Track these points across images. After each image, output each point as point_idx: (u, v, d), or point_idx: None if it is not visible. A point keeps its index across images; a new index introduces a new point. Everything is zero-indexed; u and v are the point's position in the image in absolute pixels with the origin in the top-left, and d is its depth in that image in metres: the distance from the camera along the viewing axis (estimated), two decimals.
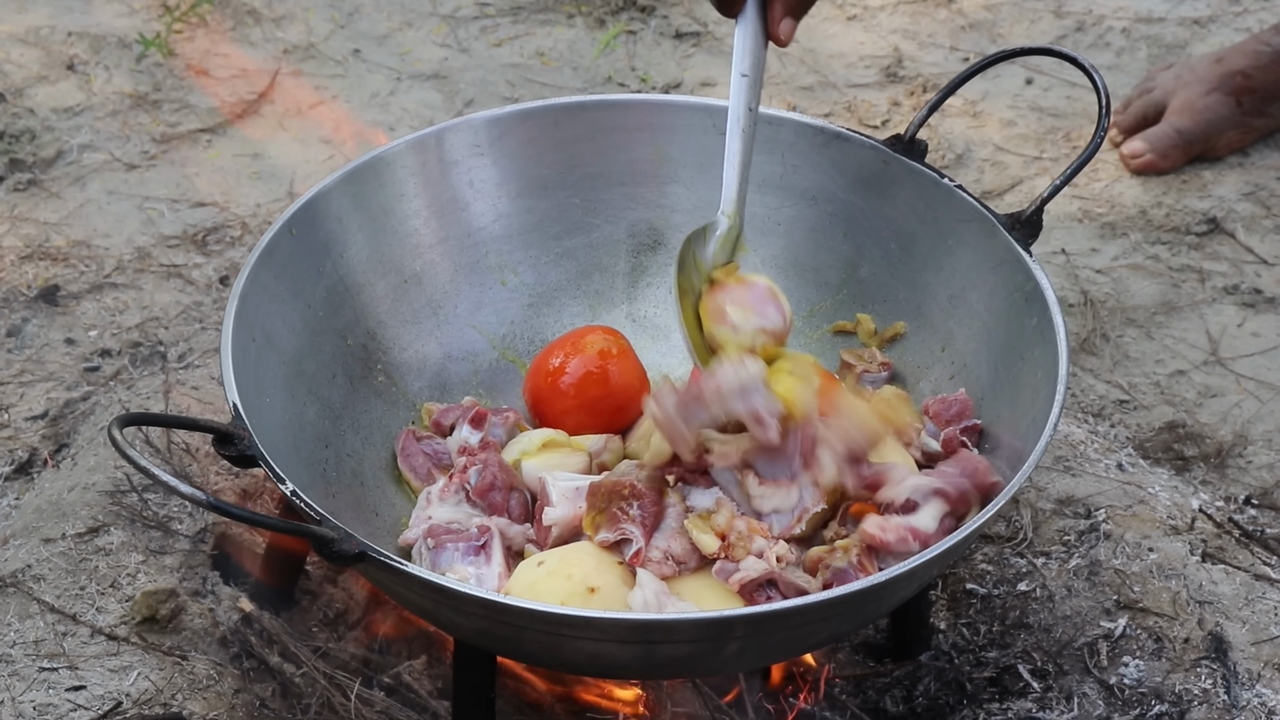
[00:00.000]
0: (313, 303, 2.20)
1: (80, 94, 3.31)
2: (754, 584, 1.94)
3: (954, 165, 3.14)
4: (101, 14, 3.50)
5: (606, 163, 2.36)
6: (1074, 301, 2.87)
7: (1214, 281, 2.91)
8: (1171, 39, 3.44)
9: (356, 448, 2.19)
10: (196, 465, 2.47)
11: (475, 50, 3.46)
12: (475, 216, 2.35)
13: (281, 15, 3.53)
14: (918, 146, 2.26)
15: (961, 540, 1.86)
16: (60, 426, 2.62)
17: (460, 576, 2.03)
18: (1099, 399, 2.70)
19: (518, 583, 1.97)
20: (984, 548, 2.41)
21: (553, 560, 1.98)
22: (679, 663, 1.93)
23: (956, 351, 2.22)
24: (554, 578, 1.95)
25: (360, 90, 3.35)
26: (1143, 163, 3.11)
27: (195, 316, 2.82)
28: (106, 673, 2.18)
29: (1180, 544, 2.37)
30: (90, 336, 2.79)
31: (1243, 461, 2.61)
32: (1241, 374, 2.75)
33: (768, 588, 1.94)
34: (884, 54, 3.42)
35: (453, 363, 2.33)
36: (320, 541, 1.80)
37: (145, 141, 3.21)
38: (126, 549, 2.33)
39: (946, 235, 2.23)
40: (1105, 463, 2.52)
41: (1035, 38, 3.46)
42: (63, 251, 2.95)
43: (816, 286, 2.35)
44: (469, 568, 2.04)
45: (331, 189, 2.23)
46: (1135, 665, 2.23)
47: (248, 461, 1.89)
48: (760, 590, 1.94)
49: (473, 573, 2.04)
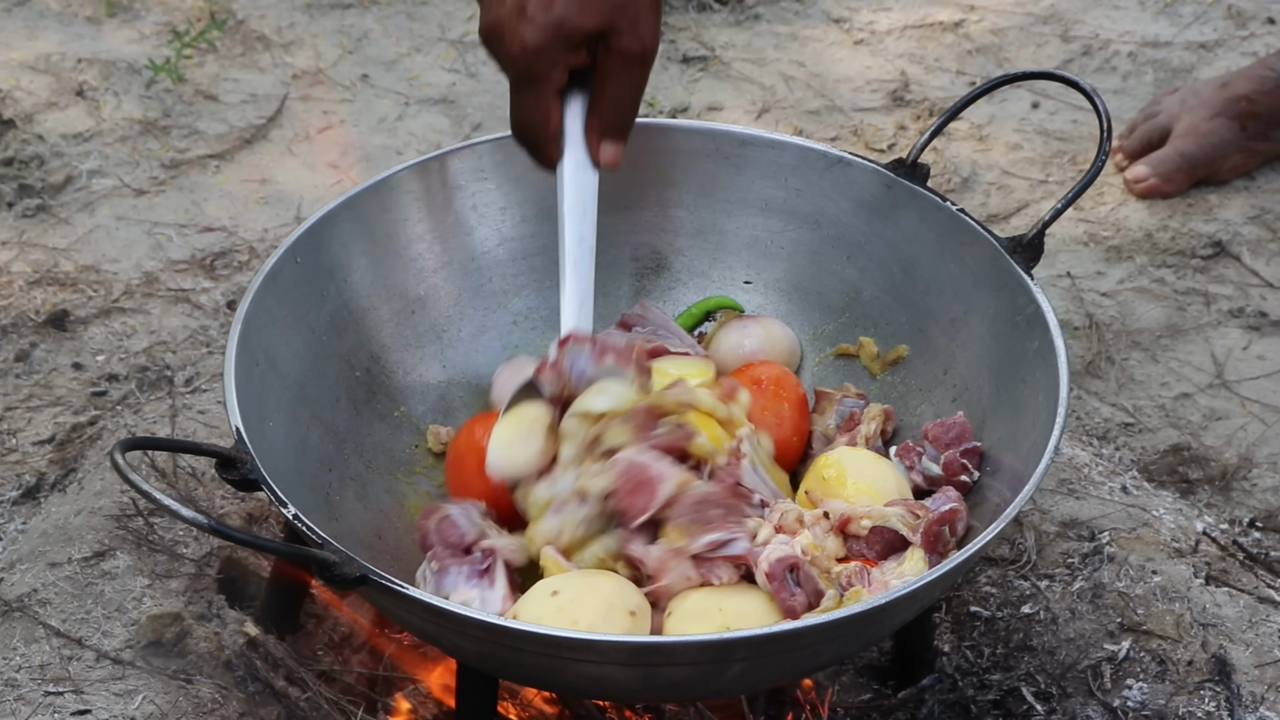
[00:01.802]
0: (316, 327, 2.21)
1: (90, 120, 3.32)
2: (782, 565, 1.96)
3: (960, 189, 3.15)
4: (111, 40, 3.52)
5: (610, 186, 2.36)
6: (1079, 324, 2.87)
7: (1219, 305, 2.91)
8: (1178, 63, 3.45)
9: (360, 471, 2.20)
10: (202, 489, 2.47)
11: (483, 75, 3.47)
12: (479, 241, 2.36)
13: (290, 41, 3.55)
14: (920, 170, 2.27)
15: (962, 562, 1.86)
16: (67, 451, 2.63)
17: (464, 600, 2.03)
18: (1104, 422, 2.71)
19: (529, 614, 1.96)
20: (988, 570, 2.41)
21: (568, 592, 1.97)
22: (681, 685, 1.94)
23: (959, 374, 2.22)
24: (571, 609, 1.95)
25: (368, 115, 3.36)
26: (1147, 187, 3.11)
27: (202, 341, 2.83)
28: (112, 696, 2.19)
29: (1184, 567, 2.37)
30: (98, 361, 2.80)
31: (1247, 484, 2.61)
32: (1247, 397, 2.75)
33: (791, 577, 1.95)
34: (890, 78, 3.42)
35: (456, 386, 2.33)
36: (322, 565, 1.80)
37: (154, 167, 3.22)
38: (132, 573, 2.33)
39: (948, 259, 2.23)
40: (1109, 485, 2.53)
41: (1042, 62, 3.47)
42: (71, 277, 2.96)
43: (820, 310, 2.35)
44: (472, 590, 2.04)
45: (335, 214, 2.24)
46: (1139, 688, 2.23)
47: (250, 485, 1.90)
48: (785, 580, 1.95)
49: (476, 595, 2.04)
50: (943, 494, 2.08)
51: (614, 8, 2.08)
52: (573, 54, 2.10)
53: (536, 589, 1.99)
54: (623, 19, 2.08)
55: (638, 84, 2.15)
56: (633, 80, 2.14)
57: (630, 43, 2.09)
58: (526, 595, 1.99)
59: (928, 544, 2.02)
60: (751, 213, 2.36)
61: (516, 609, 1.97)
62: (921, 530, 2.02)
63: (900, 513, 2.04)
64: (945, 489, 2.10)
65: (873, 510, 2.04)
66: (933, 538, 2.02)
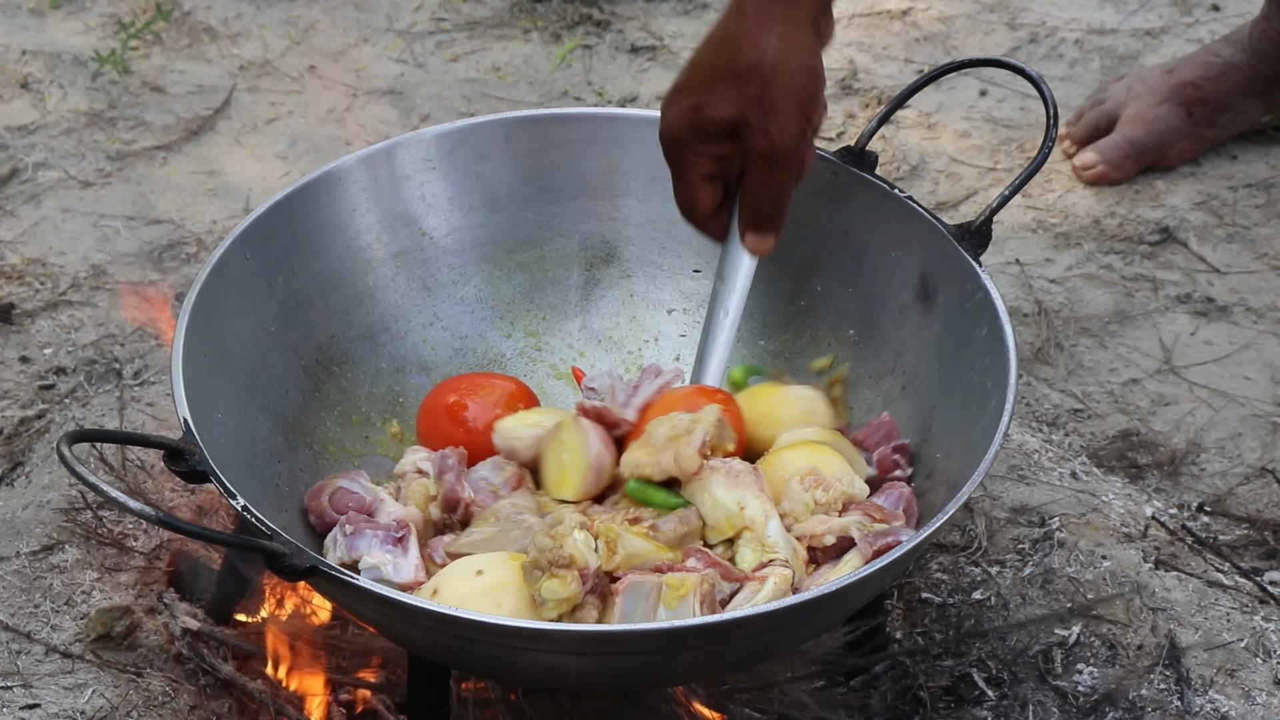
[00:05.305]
0: (265, 318, 2.20)
1: (35, 112, 3.30)
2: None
3: (909, 177, 3.15)
4: (56, 32, 3.50)
5: (559, 176, 2.36)
6: (1028, 311, 2.88)
7: (1167, 290, 2.92)
8: (1124, 50, 3.46)
9: (309, 462, 2.19)
10: (152, 482, 2.46)
11: (431, 65, 3.46)
12: (428, 231, 2.35)
13: (237, 32, 3.53)
14: (868, 158, 2.27)
15: (913, 548, 1.87)
16: (15, 445, 2.61)
17: (377, 562, 2.03)
18: (1053, 408, 2.72)
19: (451, 593, 1.96)
20: (939, 556, 2.42)
21: (493, 574, 1.97)
22: (634, 673, 1.94)
23: (908, 361, 2.23)
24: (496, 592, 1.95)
25: (316, 106, 3.35)
26: (1095, 174, 3.12)
27: (151, 334, 2.82)
28: (61, 691, 2.18)
29: (1133, 551, 2.38)
30: (45, 354, 2.79)
31: (1195, 469, 2.62)
32: (1195, 382, 2.76)
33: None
34: (839, 66, 3.43)
35: (406, 376, 2.33)
36: (271, 556, 1.80)
37: (101, 159, 3.21)
38: (81, 566, 2.33)
39: (897, 246, 2.24)
40: (1059, 471, 2.54)
41: (989, 49, 3.48)
42: (18, 270, 2.95)
43: (769, 298, 2.35)
44: (386, 555, 2.05)
45: (284, 204, 2.23)
46: (1089, 672, 2.24)
47: (199, 477, 1.89)
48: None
49: (389, 560, 2.04)
50: (894, 491, 2.09)
51: (749, 99, 2.02)
52: (712, 143, 2.08)
53: (459, 566, 1.99)
54: (755, 113, 2.03)
55: (774, 182, 2.09)
56: (769, 178, 2.08)
57: (759, 140, 2.04)
58: (449, 571, 1.99)
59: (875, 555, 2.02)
60: None
61: (438, 584, 1.96)
62: (874, 549, 2.02)
63: (858, 520, 2.04)
64: (892, 486, 2.11)
65: (833, 524, 2.05)
66: (881, 552, 2.02)
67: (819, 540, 2.03)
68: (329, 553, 2.07)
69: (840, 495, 2.07)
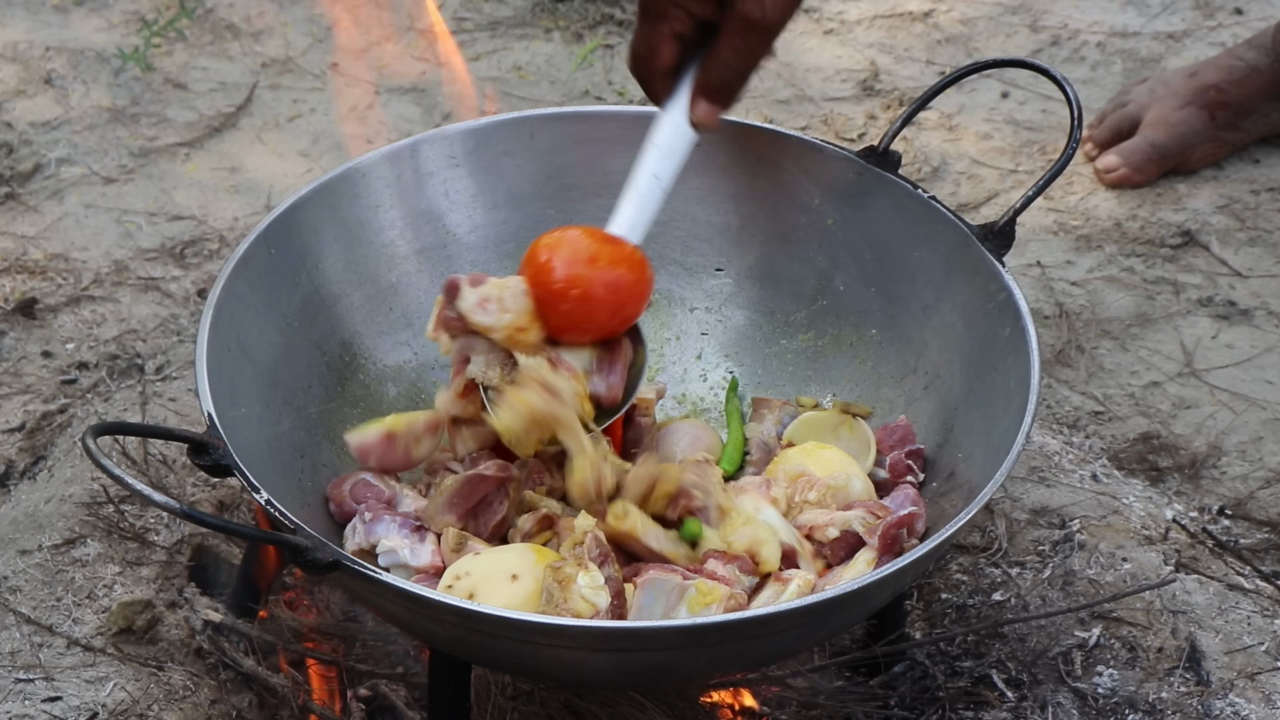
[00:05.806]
0: (288, 313, 2.20)
1: (58, 108, 3.31)
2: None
3: (930, 178, 3.15)
4: (80, 29, 3.51)
5: (582, 174, 2.36)
6: (1049, 313, 2.88)
7: (1188, 294, 2.92)
8: (1146, 53, 3.46)
9: (331, 458, 2.20)
10: (173, 476, 2.47)
11: (453, 65, 3.46)
12: (451, 228, 2.35)
13: (260, 30, 3.54)
14: (891, 158, 2.27)
15: (933, 549, 1.87)
16: (37, 439, 2.62)
17: (394, 546, 2.05)
18: (1074, 410, 2.71)
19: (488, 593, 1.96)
20: (959, 558, 2.42)
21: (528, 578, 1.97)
22: (655, 670, 1.94)
23: (930, 362, 2.22)
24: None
25: (338, 104, 3.36)
26: (1117, 176, 3.12)
27: (173, 329, 2.82)
28: (83, 684, 2.18)
29: (1154, 554, 2.38)
30: (67, 349, 2.79)
31: (1216, 472, 2.62)
32: (1215, 385, 2.76)
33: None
34: (860, 68, 3.43)
35: (428, 372, 2.33)
36: (295, 550, 1.80)
37: (123, 155, 3.21)
38: (103, 560, 2.33)
39: (920, 246, 2.24)
40: (1080, 473, 2.53)
41: (1011, 51, 3.47)
42: (40, 265, 2.95)
43: (791, 297, 2.35)
44: (404, 540, 2.05)
45: (307, 200, 2.23)
46: (1109, 675, 2.24)
47: (222, 471, 1.89)
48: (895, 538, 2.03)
49: (407, 545, 2.05)
50: (901, 492, 2.10)
51: None
52: (696, 1, 2.05)
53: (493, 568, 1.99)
54: None
55: (750, 51, 2.06)
56: (746, 46, 2.05)
57: (751, 7, 2.01)
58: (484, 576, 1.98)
59: (885, 546, 2.02)
60: (723, 200, 2.36)
61: (473, 587, 1.96)
62: (880, 533, 2.03)
63: (861, 515, 2.06)
64: (900, 488, 2.12)
65: (835, 517, 2.06)
66: (890, 540, 2.03)
67: (821, 532, 2.05)
68: (348, 541, 2.08)
69: (828, 491, 2.08)
